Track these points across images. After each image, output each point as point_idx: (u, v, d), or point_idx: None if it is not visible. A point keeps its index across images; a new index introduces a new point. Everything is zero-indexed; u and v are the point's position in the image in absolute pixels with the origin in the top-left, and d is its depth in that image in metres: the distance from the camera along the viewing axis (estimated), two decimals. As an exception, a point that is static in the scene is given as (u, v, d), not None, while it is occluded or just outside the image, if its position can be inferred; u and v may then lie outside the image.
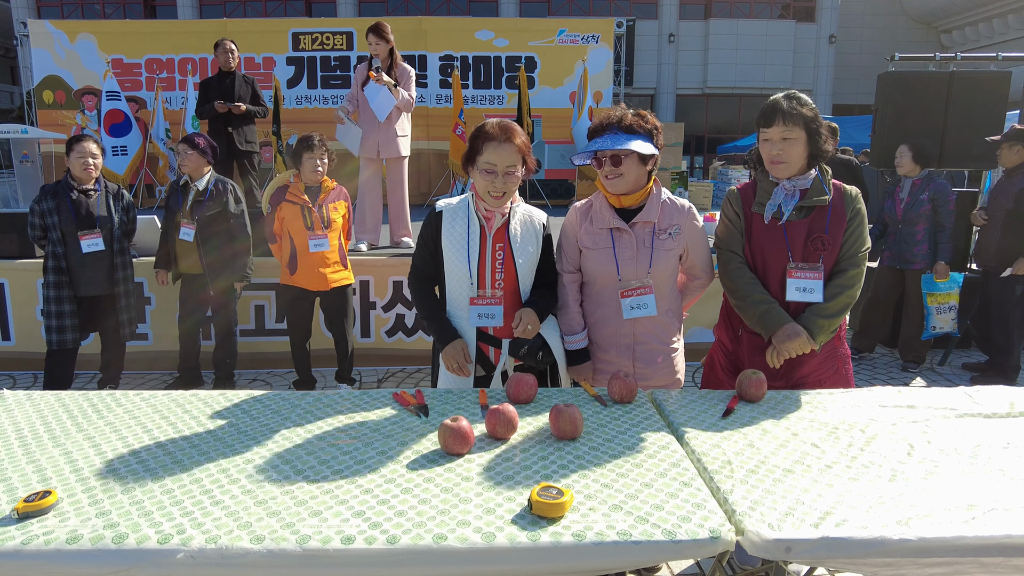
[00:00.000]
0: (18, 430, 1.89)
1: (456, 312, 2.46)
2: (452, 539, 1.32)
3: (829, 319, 2.30)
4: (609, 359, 2.53)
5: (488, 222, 2.42)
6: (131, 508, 1.46)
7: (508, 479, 1.57)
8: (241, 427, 1.90)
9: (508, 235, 2.43)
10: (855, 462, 1.67)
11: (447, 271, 2.44)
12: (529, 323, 2.34)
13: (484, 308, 2.39)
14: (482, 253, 2.41)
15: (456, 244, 2.41)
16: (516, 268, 2.42)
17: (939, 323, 5.22)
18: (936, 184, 5.12)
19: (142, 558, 1.31)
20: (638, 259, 2.45)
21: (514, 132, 2.33)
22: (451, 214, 2.46)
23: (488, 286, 2.40)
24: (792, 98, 2.28)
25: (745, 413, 2.00)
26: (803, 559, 1.35)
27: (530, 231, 2.48)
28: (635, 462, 1.66)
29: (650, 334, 2.51)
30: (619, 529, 1.35)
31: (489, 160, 2.30)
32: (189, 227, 4.50)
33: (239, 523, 1.39)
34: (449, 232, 2.44)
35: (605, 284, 2.50)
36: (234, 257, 4.60)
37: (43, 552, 1.32)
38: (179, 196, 4.59)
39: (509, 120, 2.39)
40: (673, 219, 2.50)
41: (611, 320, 2.51)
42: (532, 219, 2.52)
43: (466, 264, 2.39)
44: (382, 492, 1.51)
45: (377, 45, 5.01)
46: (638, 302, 2.45)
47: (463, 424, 1.70)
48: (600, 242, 2.48)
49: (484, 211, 2.42)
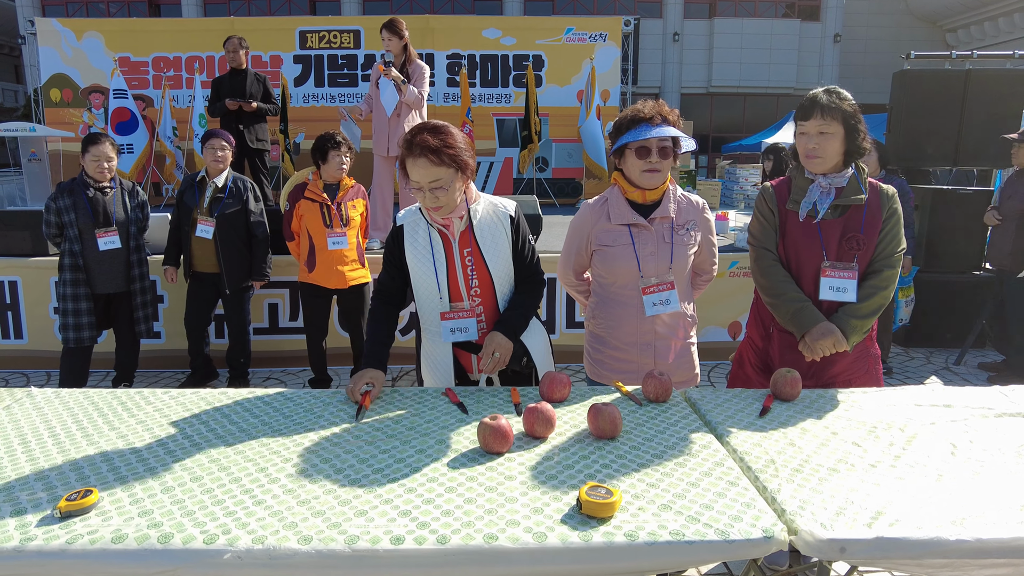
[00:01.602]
0: (50, 428, 1.88)
1: (429, 328, 2.36)
2: (503, 539, 1.30)
3: (862, 319, 2.28)
4: (629, 358, 2.51)
5: (448, 229, 2.26)
6: (172, 507, 1.44)
7: (552, 478, 1.55)
8: (275, 425, 1.89)
9: (475, 237, 2.28)
10: (899, 461, 1.65)
11: (415, 288, 2.32)
12: (497, 351, 2.20)
13: (456, 323, 2.29)
14: (450, 264, 2.28)
15: (421, 260, 2.28)
16: (490, 272, 2.29)
17: (905, 315, 5.35)
18: (895, 182, 5.12)
19: (189, 558, 1.30)
20: (659, 255, 2.43)
21: (427, 147, 2.05)
22: (411, 227, 2.30)
23: (464, 296, 2.30)
24: (832, 92, 2.26)
25: (782, 412, 1.99)
26: (858, 559, 1.33)
27: (497, 227, 2.30)
28: (678, 461, 1.64)
29: (670, 330, 2.50)
30: (671, 529, 1.34)
31: (412, 178, 2.12)
32: (208, 224, 4.41)
33: (284, 523, 1.37)
34: (412, 247, 2.29)
35: (626, 282, 2.47)
36: (252, 256, 4.56)
37: (88, 552, 1.31)
38: (195, 192, 4.50)
39: (430, 127, 2.11)
40: (689, 215, 2.50)
41: (631, 319, 2.48)
42: (496, 212, 2.32)
43: (434, 279, 2.27)
44: (426, 491, 1.50)
45: (390, 41, 5.00)
46: (661, 298, 2.43)
47: (503, 423, 1.68)
48: (619, 239, 2.45)
49: (440, 220, 2.25)
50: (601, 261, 2.50)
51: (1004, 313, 5.19)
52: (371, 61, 11.25)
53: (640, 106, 2.39)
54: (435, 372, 2.40)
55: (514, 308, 2.33)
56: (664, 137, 2.32)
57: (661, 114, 2.34)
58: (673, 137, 2.34)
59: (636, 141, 2.33)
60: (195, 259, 4.51)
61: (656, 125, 2.31)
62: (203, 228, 4.42)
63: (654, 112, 2.34)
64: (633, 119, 2.37)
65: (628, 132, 2.36)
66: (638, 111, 2.37)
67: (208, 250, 4.47)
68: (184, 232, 4.50)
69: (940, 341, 5.81)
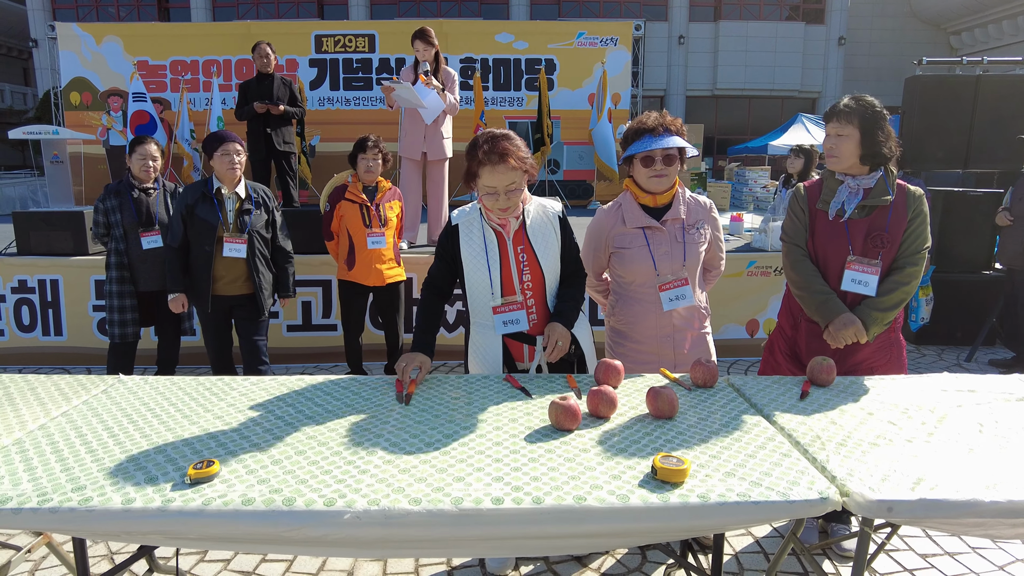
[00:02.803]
0: (151, 410, 2.05)
1: (481, 321, 2.54)
2: (591, 500, 1.48)
3: (884, 312, 2.46)
4: (650, 350, 2.71)
5: (504, 228, 2.45)
6: (286, 476, 1.61)
7: (622, 451, 1.73)
8: (356, 406, 2.06)
9: (527, 236, 2.47)
10: (932, 437, 1.83)
11: (468, 283, 2.50)
12: (559, 339, 2.37)
13: (508, 315, 2.46)
14: (504, 260, 2.46)
15: (475, 256, 2.46)
16: (541, 268, 2.47)
17: (926, 314, 5.48)
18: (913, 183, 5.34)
19: (313, 518, 1.46)
20: (672, 254, 2.64)
21: (507, 153, 2.25)
22: (466, 226, 2.49)
23: (517, 290, 2.47)
24: (854, 99, 2.47)
25: (819, 396, 2.16)
26: (903, 518, 1.50)
27: (547, 226, 2.50)
28: (733, 437, 1.81)
29: (686, 321, 2.70)
30: (738, 491, 1.51)
31: (487, 184, 2.31)
32: (239, 243, 3.85)
33: (392, 488, 1.55)
34: (467, 244, 2.47)
35: (643, 281, 2.67)
36: (282, 271, 4.12)
37: (224, 512, 1.48)
38: (213, 206, 3.84)
39: (502, 135, 2.31)
40: (698, 215, 2.70)
41: (650, 314, 2.68)
42: (546, 213, 2.52)
43: (487, 275, 2.45)
44: (512, 461, 1.67)
45: (425, 51, 5.17)
46: (676, 294, 2.63)
47: (572, 402, 1.86)
48: (635, 241, 2.66)
49: (497, 220, 2.44)
50: (619, 262, 2.70)
51: (1014, 311, 5.37)
52: (385, 65, 11.45)
53: (644, 118, 2.59)
54: (484, 363, 2.57)
55: (567, 301, 2.51)
56: (667, 148, 2.52)
57: (663, 125, 2.54)
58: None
59: (640, 152, 2.54)
60: (218, 283, 3.89)
61: (659, 136, 2.52)
62: (234, 247, 3.84)
63: (657, 123, 2.54)
64: (637, 131, 2.58)
65: (633, 143, 2.58)
66: (642, 123, 2.58)
67: (238, 271, 3.92)
68: (203, 253, 3.83)
69: (951, 339, 5.98)
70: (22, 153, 29.37)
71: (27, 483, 1.58)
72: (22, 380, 2.31)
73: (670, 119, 2.58)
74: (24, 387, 2.25)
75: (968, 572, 2.70)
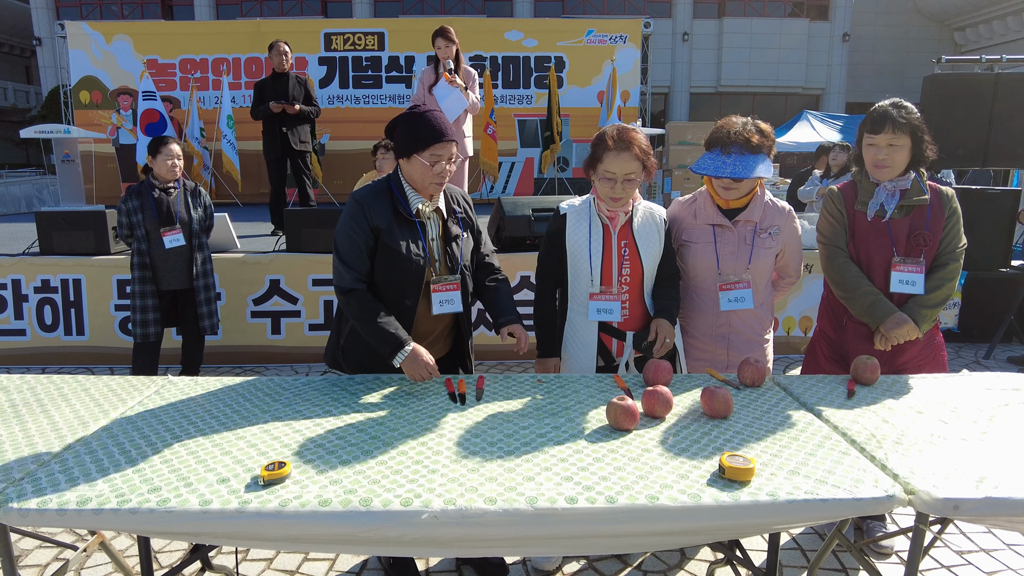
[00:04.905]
0: (207, 410, 2.07)
1: (576, 307, 2.62)
2: (663, 499, 1.51)
3: (932, 309, 2.49)
4: (704, 347, 2.72)
5: (612, 221, 2.55)
6: (357, 477, 1.64)
7: (684, 451, 1.75)
8: (411, 405, 2.08)
9: (632, 232, 2.57)
10: (986, 436, 1.85)
11: (571, 269, 2.60)
12: (667, 336, 2.47)
13: (602, 304, 2.54)
14: (607, 251, 2.55)
15: (580, 244, 2.57)
16: (642, 264, 2.56)
17: (946, 318, 5.51)
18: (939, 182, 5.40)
19: (391, 519, 1.48)
20: (738, 255, 2.63)
21: (631, 140, 2.40)
22: (575, 215, 2.61)
23: (615, 282, 2.54)
24: (900, 107, 2.47)
25: (866, 395, 2.18)
26: (969, 516, 1.53)
27: (652, 227, 2.60)
28: (790, 436, 1.84)
29: (745, 325, 2.69)
30: (805, 489, 1.54)
31: (608, 169, 2.42)
32: (452, 288, 2.78)
33: (465, 488, 1.57)
34: (574, 232, 2.58)
35: (705, 277, 2.67)
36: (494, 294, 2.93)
37: (301, 513, 1.50)
38: (416, 232, 2.66)
39: (629, 127, 2.47)
40: (774, 220, 2.67)
41: (707, 311, 2.69)
42: (653, 215, 2.63)
43: (588, 262, 2.54)
44: (577, 460, 1.70)
45: (447, 48, 5.19)
46: (736, 295, 2.63)
47: (630, 403, 1.88)
48: (702, 237, 2.66)
49: (607, 212, 2.55)
50: (684, 256, 2.71)
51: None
52: (395, 63, 11.46)
53: (724, 124, 2.54)
54: (579, 353, 2.62)
55: (670, 300, 2.59)
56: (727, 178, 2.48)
57: (738, 143, 2.46)
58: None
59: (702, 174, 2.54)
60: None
61: (728, 154, 2.47)
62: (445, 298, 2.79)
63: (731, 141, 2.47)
64: (712, 140, 2.55)
65: (705, 153, 2.57)
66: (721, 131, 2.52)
67: (443, 326, 2.95)
68: (405, 309, 2.51)
69: (968, 336, 6.00)
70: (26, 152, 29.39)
71: (103, 484, 1.60)
72: (74, 381, 2.34)
73: (751, 130, 2.49)
74: (77, 388, 2.28)
75: (1004, 568, 2.72)
